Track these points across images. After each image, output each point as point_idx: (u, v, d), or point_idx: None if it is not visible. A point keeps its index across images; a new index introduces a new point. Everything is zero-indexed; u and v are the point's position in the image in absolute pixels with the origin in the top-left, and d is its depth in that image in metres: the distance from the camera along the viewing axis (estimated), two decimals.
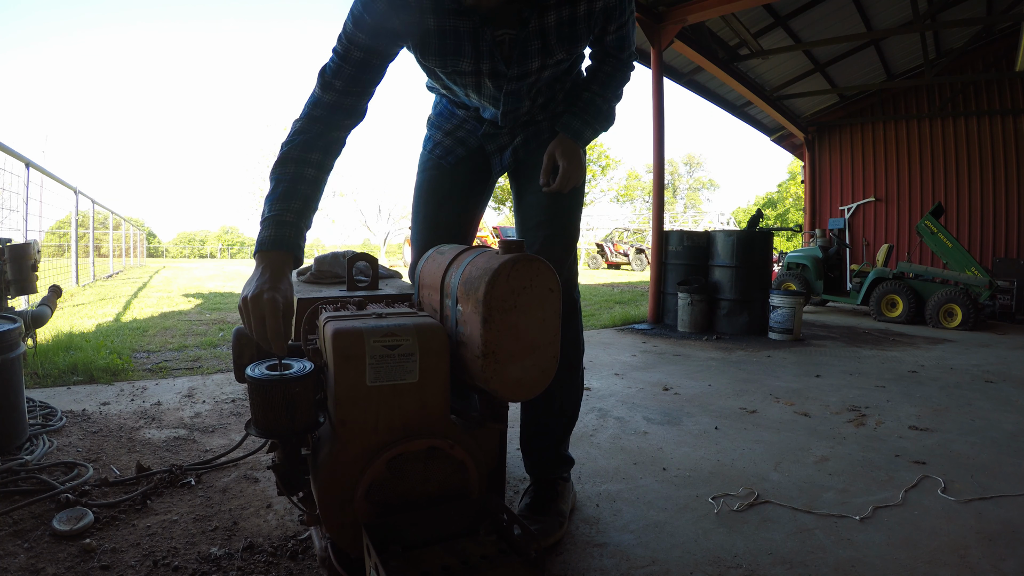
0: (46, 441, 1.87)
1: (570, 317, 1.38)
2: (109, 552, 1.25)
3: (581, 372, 1.52)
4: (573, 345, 1.44)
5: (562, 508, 1.41)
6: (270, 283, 0.95)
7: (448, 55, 1.15)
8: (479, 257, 1.02)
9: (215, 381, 2.83)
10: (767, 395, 2.84)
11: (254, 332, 0.93)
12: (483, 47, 1.15)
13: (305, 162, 1.07)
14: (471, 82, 1.24)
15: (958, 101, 9.07)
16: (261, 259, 0.99)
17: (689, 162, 42.33)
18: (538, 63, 1.20)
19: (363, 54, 1.09)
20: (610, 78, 1.36)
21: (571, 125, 1.34)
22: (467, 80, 1.23)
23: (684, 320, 4.97)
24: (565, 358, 1.26)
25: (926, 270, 6.39)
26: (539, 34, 1.15)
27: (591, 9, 1.16)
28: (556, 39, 1.17)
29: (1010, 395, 2.95)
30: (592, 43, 1.33)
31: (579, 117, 1.35)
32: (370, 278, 1.40)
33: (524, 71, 1.21)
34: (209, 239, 45.93)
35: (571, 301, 1.41)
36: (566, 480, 1.50)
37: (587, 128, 1.35)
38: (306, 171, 1.06)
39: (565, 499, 1.45)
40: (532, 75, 1.23)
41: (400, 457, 0.95)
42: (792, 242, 24.23)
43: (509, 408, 1.38)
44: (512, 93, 1.26)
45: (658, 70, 5.62)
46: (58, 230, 9.20)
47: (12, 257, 2.60)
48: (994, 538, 1.40)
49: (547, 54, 1.19)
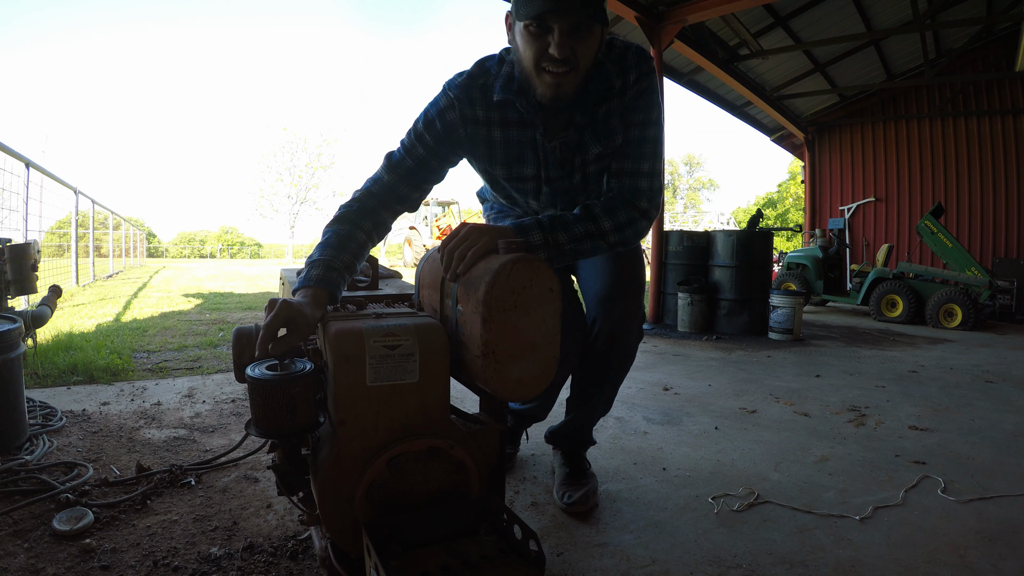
0: (46, 441, 1.87)
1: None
2: (109, 552, 1.25)
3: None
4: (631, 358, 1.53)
5: (593, 477, 1.61)
6: (301, 300, 1.00)
7: (513, 163, 1.27)
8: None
9: (215, 381, 2.83)
10: (767, 395, 2.84)
11: (263, 329, 0.94)
12: (540, 153, 1.27)
13: (358, 227, 1.16)
14: (531, 187, 1.33)
15: (958, 101, 9.06)
16: (304, 292, 1.03)
17: (689, 162, 42.32)
18: (580, 160, 1.28)
19: (425, 153, 1.23)
20: (608, 200, 1.20)
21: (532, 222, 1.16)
22: (528, 185, 1.33)
23: (684, 320, 4.97)
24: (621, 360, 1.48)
25: (926, 270, 6.39)
26: (578, 141, 1.25)
27: (622, 103, 1.23)
28: (592, 139, 1.24)
29: (1010, 395, 2.95)
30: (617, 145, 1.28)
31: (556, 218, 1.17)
32: (370, 278, 1.40)
33: (570, 170, 1.30)
34: (209, 239, 45.94)
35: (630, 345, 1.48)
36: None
37: (547, 232, 1.13)
38: (358, 234, 1.15)
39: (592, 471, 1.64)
40: (577, 172, 1.30)
41: (400, 457, 0.95)
42: (792, 242, 24.22)
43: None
44: (565, 192, 1.33)
45: (658, 70, 5.61)
46: (58, 230, 9.20)
47: (12, 257, 2.60)
48: (994, 538, 1.40)
49: (584, 150, 1.26)
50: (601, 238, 1.16)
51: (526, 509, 1.54)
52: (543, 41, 1.08)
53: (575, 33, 1.08)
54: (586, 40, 1.10)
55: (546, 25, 1.07)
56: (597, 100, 1.22)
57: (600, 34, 1.15)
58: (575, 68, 1.11)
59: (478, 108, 1.22)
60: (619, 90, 1.22)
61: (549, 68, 1.10)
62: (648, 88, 1.24)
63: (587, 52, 1.12)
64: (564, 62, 1.09)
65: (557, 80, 1.11)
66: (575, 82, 1.14)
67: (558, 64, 1.09)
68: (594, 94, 1.20)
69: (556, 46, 1.07)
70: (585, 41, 1.10)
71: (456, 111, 1.22)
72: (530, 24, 1.08)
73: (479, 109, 1.22)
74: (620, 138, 1.24)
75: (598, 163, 1.28)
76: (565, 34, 1.07)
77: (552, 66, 1.10)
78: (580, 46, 1.09)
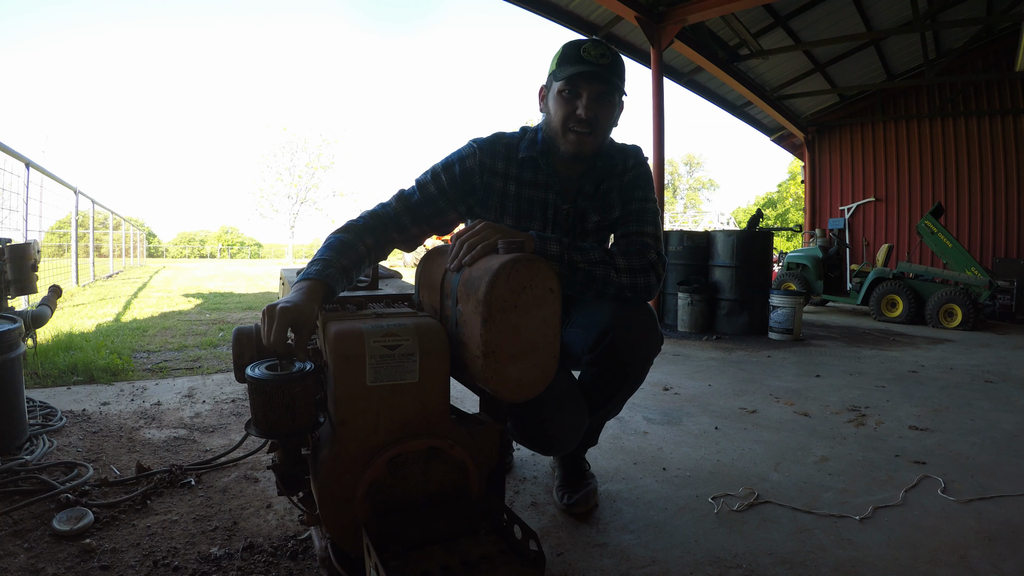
0: (46, 441, 1.87)
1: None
2: (109, 552, 1.25)
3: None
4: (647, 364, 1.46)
5: (593, 478, 1.62)
6: (293, 298, 1.00)
7: (523, 218, 1.38)
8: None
9: (215, 381, 2.83)
10: (767, 395, 2.84)
11: (266, 337, 0.95)
12: (549, 215, 1.39)
13: (361, 239, 1.22)
14: None
15: (958, 101, 9.06)
16: (299, 285, 1.05)
17: (689, 162, 42.29)
18: (580, 227, 1.42)
19: (436, 192, 1.33)
20: (621, 247, 1.32)
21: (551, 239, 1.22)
22: None
23: (684, 320, 4.97)
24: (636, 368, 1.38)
25: (926, 270, 6.39)
26: (583, 207, 1.40)
27: (621, 185, 1.41)
28: (592, 208, 1.40)
29: (1010, 395, 2.95)
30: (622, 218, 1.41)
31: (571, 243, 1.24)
32: (370, 278, 1.40)
33: (571, 235, 1.42)
34: (209, 239, 45.93)
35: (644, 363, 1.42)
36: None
37: (564, 248, 1.19)
38: (359, 246, 1.20)
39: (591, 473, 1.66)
40: (576, 238, 1.41)
41: (400, 457, 0.95)
42: (792, 242, 24.21)
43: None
44: None
45: (658, 70, 5.62)
46: (58, 230, 9.20)
47: (12, 257, 2.61)
48: (994, 538, 1.40)
49: (585, 219, 1.41)
50: (614, 270, 1.23)
51: (526, 509, 1.54)
52: (572, 105, 1.28)
53: (600, 99, 1.28)
54: (608, 108, 1.30)
55: (577, 91, 1.28)
56: (606, 176, 1.40)
57: (619, 106, 1.34)
58: (595, 131, 1.30)
59: (499, 161, 1.37)
60: (619, 172, 1.41)
61: (575, 128, 1.29)
62: (645, 172, 1.44)
63: (606, 119, 1.31)
64: (588, 123, 1.28)
65: (580, 139, 1.30)
66: (594, 145, 1.32)
67: (583, 124, 1.28)
68: (601, 170, 1.40)
69: (584, 107, 1.27)
70: (607, 108, 1.30)
71: (477, 159, 1.35)
72: (564, 89, 1.28)
73: (500, 162, 1.37)
74: (618, 212, 1.41)
75: (596, 233, 1.44)
76: (592, 99, 1.27)
77: (577, 126, 1.28)
78: (602, 112, 1.29)
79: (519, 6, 5.27)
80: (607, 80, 1.26)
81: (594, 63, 1.25)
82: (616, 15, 5.66)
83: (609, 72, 1.26)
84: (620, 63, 1.30)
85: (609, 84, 1.26)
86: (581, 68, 1.24)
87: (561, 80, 1.28)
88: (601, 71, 1.25)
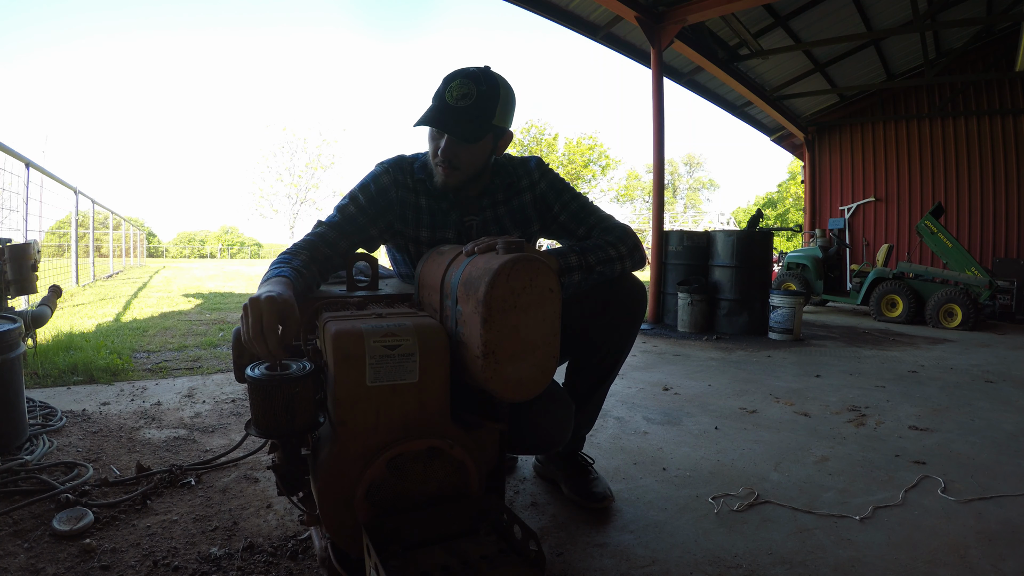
0: (46, 441, 1.87)
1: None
2: (109, 552, 1.25)
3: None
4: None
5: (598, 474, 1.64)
6: (275, 289, 0.99)
7: (437, 227, 1.41)
8: (479, 257, 1.02)
9: (215, 381, 2.83)
10: (767, 395, 2.84)
11: (250, 331, 0.91)
12: (461, 227, 1.42)
13: (308, 268, 1.23)
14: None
15: (958, 101, 9.06)
16: (273, 280, 1.08)
17: (689, 162, 42.26)
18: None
19: (356, 211, 1.36)
20: (604, 234, 1.39)
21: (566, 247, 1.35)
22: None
23: (684, 320, 4.97)
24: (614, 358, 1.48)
25: (926, 270, 6.39)
26: (495, 221, 1.43)
27: (533, 197, 1.45)
28: (510, 223, 1.44)
29: (1010, 395, 2.95)
30: (555, 229, 1.48)
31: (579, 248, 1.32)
32: (370, 278, 1.40)
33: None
34: (209, 239, 45.87)
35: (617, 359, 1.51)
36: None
37: (580, 255, 1.29)
38: (310, 269, 1.23)
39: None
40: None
41: (400, 457, 0.95)
42: (792, 242, 24.21)
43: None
44: None
45: (658, 70, 5.62)
46: (58, 230, 9.20)
47: (12, 257, 2.60)
48: (994, 538, 1.40)
49: (505, 232, 1.44)
50: (619, 261, 1.33)
51: (526, 509, 1.54)
52: (436, 143, 1.32)
53: (458, 143, 1.28)
54: (469, 150, 1.30)
55: (438, 131, 1.29)
56: (506, 193, 1.43)
57: (488, 143, 1.32)
58: (459, 168, 1.32)
59: (408, 177, 1.41)
60: (527, 186, 1.45)
61: (439, 164, 1.32)
62: (556, 177, 1.49)
63: (471, 159, 1.32)
64: (447, 163, 1.30)
65: (446, 173, 1.32)
66: (461, 179, 1.34)
67: (442, 164, 1.31)
68: (500, 188, 1.42)
69: (441, 150, 1.30)
70: (468, 150, 1.30)
71: (390, 176, 1.39)
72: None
73: (408, 178, 1.41)
74: (536, 226, 1.46)
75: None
76: (451, 142, 1.28)
77: (441, 164, 1.31)
78: (464, 154, 1.30)
79: (519, 6, 5.28)
80: (452, 131, 1.24)
81: (451, 106, 1.24)
82: (616, 15, 5.66)
83: (465, 116, 1.23)
84: (489, 99, 1.25)
85: (457, 136, 1.24)
86: (435, 115, 1.25)
87: (420, 124, 1.27)
88: (456, 117, 1.23)
